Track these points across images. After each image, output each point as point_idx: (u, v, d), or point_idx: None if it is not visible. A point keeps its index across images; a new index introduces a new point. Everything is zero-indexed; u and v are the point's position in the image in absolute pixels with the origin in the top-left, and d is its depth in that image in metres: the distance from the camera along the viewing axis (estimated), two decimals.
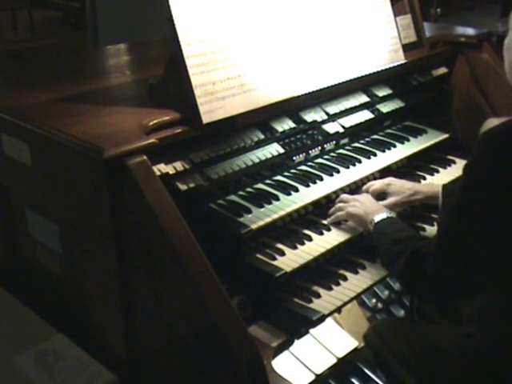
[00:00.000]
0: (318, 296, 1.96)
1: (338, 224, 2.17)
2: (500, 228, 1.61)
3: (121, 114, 1.92)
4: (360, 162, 2.40)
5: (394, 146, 2.55)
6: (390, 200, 2.21)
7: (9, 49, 6.61)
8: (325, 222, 2.17)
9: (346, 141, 2.50)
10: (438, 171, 2.60)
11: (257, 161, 2.09)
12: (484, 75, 2.77)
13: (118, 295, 1.77)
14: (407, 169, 2.58)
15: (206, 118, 1.87)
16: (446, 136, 2.72)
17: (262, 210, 2.04)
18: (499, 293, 1.75)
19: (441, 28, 3.48)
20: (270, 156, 2.13)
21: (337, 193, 2.24)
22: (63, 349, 1.87)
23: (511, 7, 1.81)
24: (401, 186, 2.25)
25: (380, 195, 2.26)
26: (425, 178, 2.53)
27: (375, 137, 2.62)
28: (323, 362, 2.20)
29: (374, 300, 2.67)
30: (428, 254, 1.70)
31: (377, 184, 2.28)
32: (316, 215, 2.20)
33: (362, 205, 2.11)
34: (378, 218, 2.01)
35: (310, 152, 2.34)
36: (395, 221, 2.02)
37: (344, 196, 2.21)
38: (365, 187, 2.30)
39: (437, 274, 1.68)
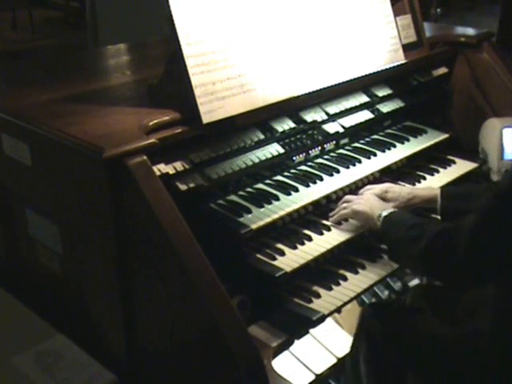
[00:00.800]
0: (318, 296, 1.96)
1: (338, 224, 2.17)
2: None
3: (121, 114, 1.92)
4: (360, 162, 2.40)
5: (394, 146, 2.55)
6: (389, 206, 2.19)
7: (8, 49, 6.61)
8: (325, 221, 2.17)
9: (345, 141, 2.50)
10: (438, 171, 2.60)
11: (257, 161, 2.09)
12: (484, 75, 2.77)
13: (118, 295, 1.77)
14: (407, 169, 2.58)
15: (206, 118, 1.87)
16: (445, 136, 2.72)
17: (262, 210, 2.04)
18: None
19: (441, 28, 3.48)
20: (269, 156, 2.13)
21: (337, 193, 2.24)
22: (63, 349, 1.87)
23: (511, 7, 1.81)
24: (399, 192, 2.23)
25: None
26: (425, 178, 2.53)
27: (375, 137, 2.62)
28: (323, 362, 2.20)
29: (374, 300, 2.68)
30: (454, 234, 1.68)
31: (375, 191, 2.26)
32: (316, 215, 2.20)
33: (367, 202, 2.12)
34: (385, 212, 2.02)
35: (310, 152, 2.34)
36: (405, 212, 2.04)
37: (348, 196, 2.22)
38: (362, 191, 2.29)
39: (469, 254, 1.66)
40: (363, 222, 2.12)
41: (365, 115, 2.48)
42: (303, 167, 2.32)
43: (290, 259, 1.97)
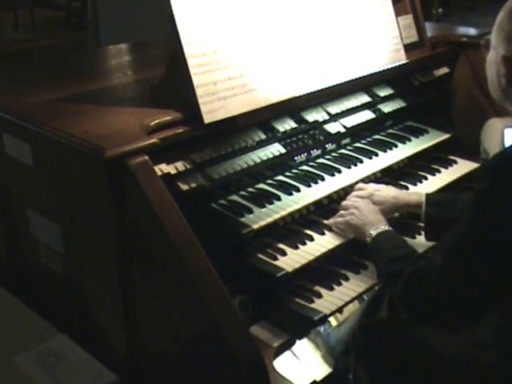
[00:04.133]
0: (320, 296, 1.96)
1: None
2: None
3: (122, 114, 1.92)
4: (361, 161, 2.40)
5: (396, 146, 2.55)
6: (383, 221, 2.16)
7: (10, 48, 6.63)
8: (326, 221, 2.17)
9: (347, 141, 2.50)
10: (439, 171, 2.60)
11: (258, 161, 2.09)
12: (485, 75, 2.76)
13: (120, 295, 1.77)
14: (409, 169, 2.58)
15: (208, 118, 1.87)
16: (447, 136, 2.72)
17: (264, 209, 2.04)
18: None
19: (442, 28, 3.48)
20: (271, 156, 2.13)
21: (338, 193, 2.24)
22: (65, 349, 1.87)
23: None
24: (384, 196, 2.20)
25: None
26: (426, 178, 2.53)
27: (377, 137, 2.62)
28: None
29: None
30: (428, 276, 1.67)
31: (361, 194, 2.22)
32: (317, 215, 2.20)
33: (361, 214, 2.06)
34: (374, 232, 1.97)
35: (312, 152, 2.34)
36: (391, 236, 1.97)
37: (344, 203, 2.17)
38: (356, 188, 2.27)
39: (442, 296, 1.64)
40: (354, 235, 2.08)
41: (366, 115, 2.48)
42: (305, 167, 2.32)
43: (292, 259, 1.97)
